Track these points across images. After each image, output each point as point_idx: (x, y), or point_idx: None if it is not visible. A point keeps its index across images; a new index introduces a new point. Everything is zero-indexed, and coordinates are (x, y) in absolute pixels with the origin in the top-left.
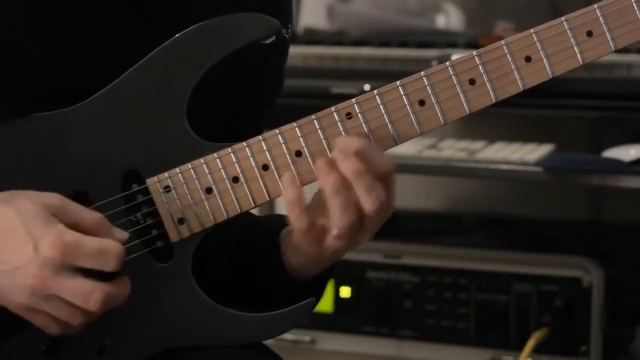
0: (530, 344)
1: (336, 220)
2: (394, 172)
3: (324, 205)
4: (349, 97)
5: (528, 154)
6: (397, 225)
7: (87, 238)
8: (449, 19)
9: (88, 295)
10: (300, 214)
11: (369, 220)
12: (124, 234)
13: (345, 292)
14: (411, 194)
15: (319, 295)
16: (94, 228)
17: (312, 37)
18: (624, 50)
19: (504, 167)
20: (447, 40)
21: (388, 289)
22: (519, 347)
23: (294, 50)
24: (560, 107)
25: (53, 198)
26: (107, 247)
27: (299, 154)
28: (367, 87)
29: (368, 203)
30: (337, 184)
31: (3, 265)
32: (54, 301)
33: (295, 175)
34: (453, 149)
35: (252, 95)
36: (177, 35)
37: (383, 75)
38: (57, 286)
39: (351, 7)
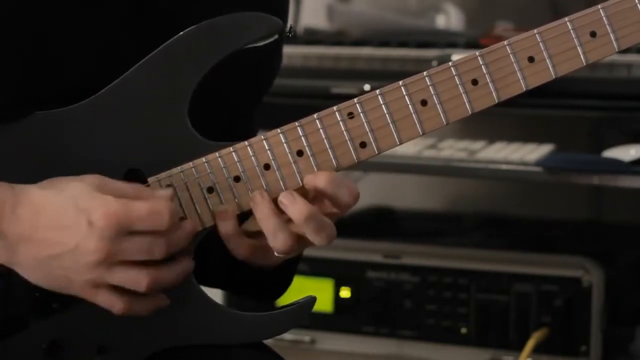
0: (530, 344)
1: (278, 248)
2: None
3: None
4: (349, 97)
5: (528, 154)
6: (397, 225)
7: (135, 202)
8: (449, 19)
9: (151, 250)
10: (239, 243)
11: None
12: (167, 191)
13: (345, 292)
14: (411, 194)
15: (287, 280)
16: (137, 194)
17: (312, 37)
18: (624, 50)
19: (504, 167)
20: (447, 40)
21: (388, 289)
22: (519, 347)
23: (294, 50)
24: (560, 107)
25: (92, 176)
26: (157, 206)
27: (300, 153)
28: (367, 87)
29: (317, 240)
30: (278, 224)
31: (62, 247)
32: (119, 269)
33: (234, 210)
34: (453, 149)
35: (251, 94)
36: (179, 34)
37: (383, 75)
38: (120, 251)
39: (351, 7)
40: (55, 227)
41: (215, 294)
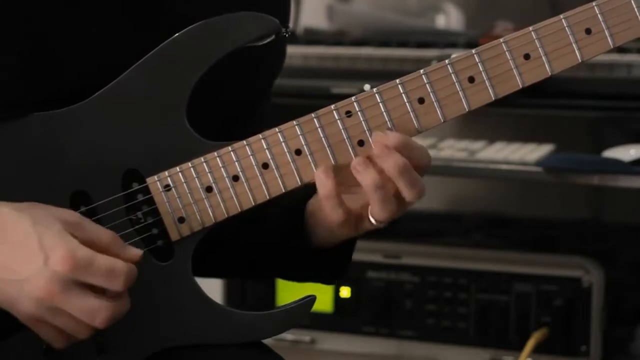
0: (530, 344)
1: (377, 213)
2: (430, 163)
3: (361, 194)
4: (349, 97)
5: (528, 154)
6: (397, 225)
7: (99, 256)
8: (449, 19)
9: (95, 313)
10: (336, 206)
11: (408, 204)
12: (137, 252)
13: (345, 292)
14: None
15: (344, 262)
16: (108, 246)
17: (312, 37)
18: (624, 50)
19: (504, 167)
20: (447, 40)
21: (388, 289)
22: (519, 347)
23: (294, 50)
24: (560, 107)
25: (70, 214)
26: (117, 266)
27: (298, 152)
28: (367, 87)
29: (411, 195)
30: (377, 181)
31: (12, 274)
32: (61, 315)
33: (329, 167)
34: (453, 149)
35: (250, 93)
36: (176, 34)
37: (383, 75)
38: (64, 301)
39: (351, 7)
40: (15, 254)
41: (215, 294)
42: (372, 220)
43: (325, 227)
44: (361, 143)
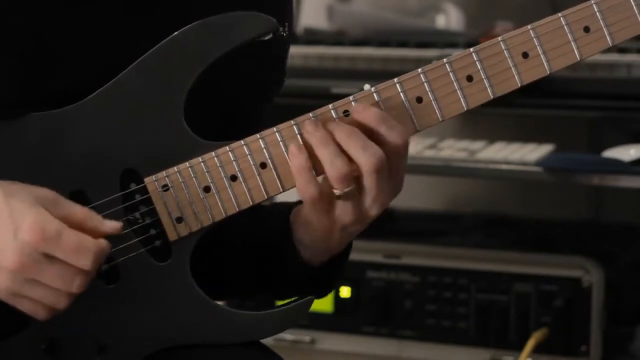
0: (530, 344)
1: (328, 171)
2: (404, 145)
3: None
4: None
5: (528, 154)
6: (397, 225)
7: (68, 230)
8: (449, 19)
9: (70, 279)
10: (308, 181)
11: (369, 182)
12: (115, 225)
13: (345, 292)
14: (411, 194)
15: (332, 281)
16: (82, 221)
17: (312, 37)
18: (624, 50)
19: (504, 167)
20: (447, 40)
21: (388, 289)
22: (519, 347)
23: (294, 50)
24: (560, 107)
25: (47, 192)
26: (86, 242)
27: None
28: (366, 86)
29: (393, 136)
30: (324, 137)
31: None
32: (37, 286)
33: (301, 144)
34: (453, 149)
35: (249, 93)
36: (174, 33)
37: (383, 75)
38: (37, 272)
39: (351, 7)
40: None
41: None
42: (335, 192)
43: (307, 230)
44: None
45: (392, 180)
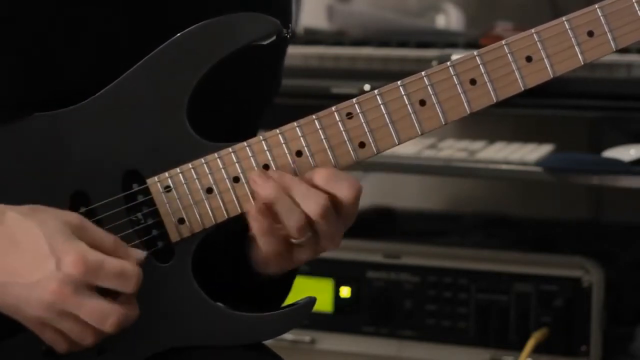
0: (530, 344)
1: (285, 224)
2: (355, 197)
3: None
4: (349, 97)
5: (528, 154)
6: (397, 225)
7: (109, 259)
8: (449, 19)
9: (105, 317)
10: (269, 242)
11: (321, 225)
12: (141, 253)
13: (345, 292)
14: (411, 194)
15: (284, 292)
16: (113, 248)
17: (312, 37)
18: (624, 50)
19: (504, 167)
20: (447, 40)
21: (388, 289)
22: (519, 347)
23: (294, 50)
24: (560, 107)
25: (73, 217)
26: (128, 268)
27: (299, 153)
28: (367, 87)
29: (307, 208)
30: (275, 191)
31: (22, 278)
32: (69, 319)
33: (264, 207)
34: (453, 149)
35: (251, 94)
36: (177, 35)
37: (383, 75)
38: (76, 304)
39: (351, 7)
40: (24, 258)
41: None
42: (293, 240)
43: (263, 263)
44: (362, 145)
45: (348, 220)
